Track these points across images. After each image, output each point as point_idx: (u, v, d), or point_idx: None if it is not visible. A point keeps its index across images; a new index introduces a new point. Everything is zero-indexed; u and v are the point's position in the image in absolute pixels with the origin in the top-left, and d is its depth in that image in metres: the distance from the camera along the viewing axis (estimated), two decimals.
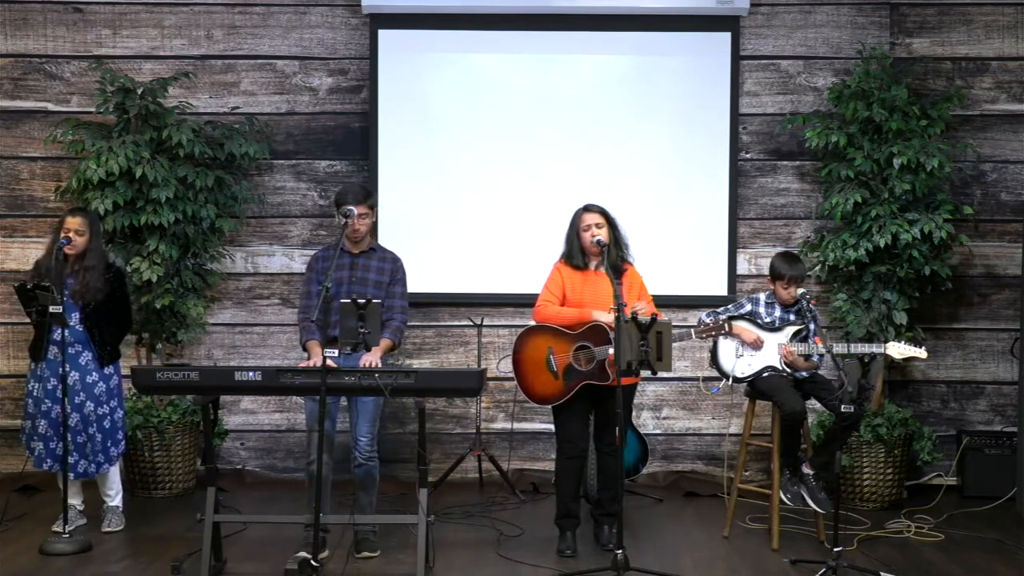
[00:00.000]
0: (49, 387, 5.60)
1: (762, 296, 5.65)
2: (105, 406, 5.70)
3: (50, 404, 5.60)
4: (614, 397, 4.94)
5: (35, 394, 5.64)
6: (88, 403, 5.65)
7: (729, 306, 5.67)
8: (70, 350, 5.61)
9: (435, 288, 6.84)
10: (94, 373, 5.67)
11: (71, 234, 5.58)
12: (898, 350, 5.42)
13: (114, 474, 5.83)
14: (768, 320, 5.56)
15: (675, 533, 5.87)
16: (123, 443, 5.84)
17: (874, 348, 5.54)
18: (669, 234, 6.82)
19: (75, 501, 5.78)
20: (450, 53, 6.89)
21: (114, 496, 5.84)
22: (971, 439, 6.68)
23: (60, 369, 5.51)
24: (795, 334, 5.48)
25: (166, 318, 6.49)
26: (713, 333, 5.47)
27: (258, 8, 6.95)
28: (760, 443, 5.89)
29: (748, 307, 5.61)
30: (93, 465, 5.68)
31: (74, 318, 5.62)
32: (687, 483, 6.81)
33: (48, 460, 5.63)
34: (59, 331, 5.53)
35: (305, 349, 5.29)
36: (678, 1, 6.78)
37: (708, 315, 5.59)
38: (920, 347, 5.45)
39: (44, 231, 6.90)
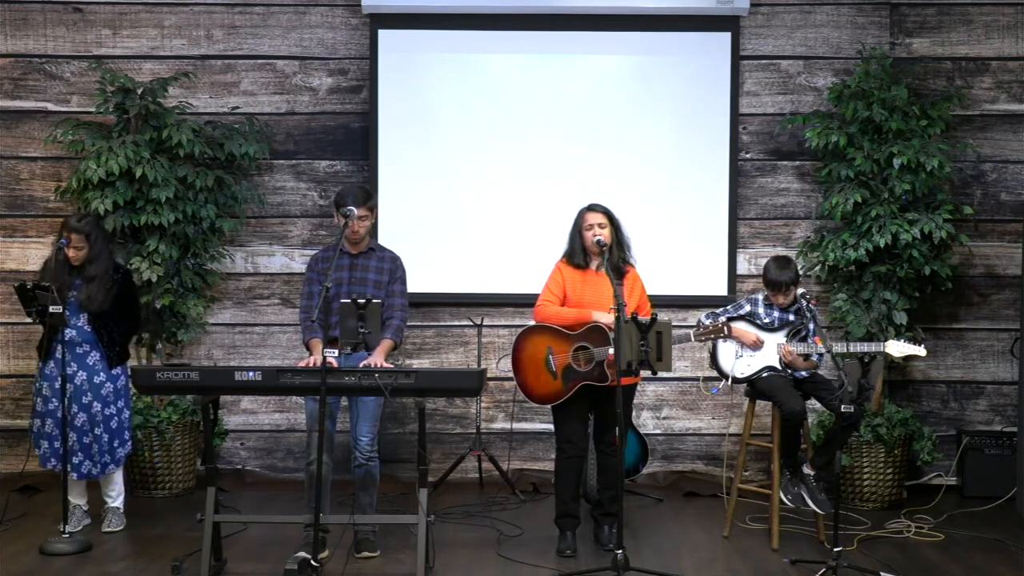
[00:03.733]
0: (57, 386, 5.60)
1: (761, 296, 5.65)
2: (112, 407, 5.70)
3: (57, 403, 5.60)
4: (614, 397, 4.94)
5: (43, 393, 5.64)
6: (95, 403, 5.65)
7: (728, 307, 5.67)
8: (78, 350, 5.63)
9: (435, 288, 6.84)
10: (102, 373, 5.67)
11: (71, 250, 5.58)
12: (897, 348, 5.43)
13: (117, 475, 5.82)
14: (767, 320, 5.56)
15: (675, 533, 5.87)
16: (130, 443, 5.83)
17: (873, 347, 5.56)
18: (669, 234, 6.82)
19: (80, 501, 5.79)
20: (450, 53, 6.89)
21: (115, 497, 5.84)
22: (971, 439, 6.68)
23: (66, 368, 5.53)
24: (794, 333, 5.48)
25: (166, 318, 6.49)
26: (713, 336, 5.48)
27: (258, 8, 6.95)
28: (760, 443, 5.89)
29: (747, 308, 5.61)
30: (98, 467, 5.68)
31: (82, 319, 5.63)
32: (687, 483, 6.81)
33: (52, 459, 5.63)
34: (68, 331, 5.56)
35: (308, 348, 5.30)
36: (678, 1, 6.78)
37: (707, 317, 5.60)
38: (919, 345, 5.46)
39: (44, 231, 6.91)
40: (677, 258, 6.81)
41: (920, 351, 5.45)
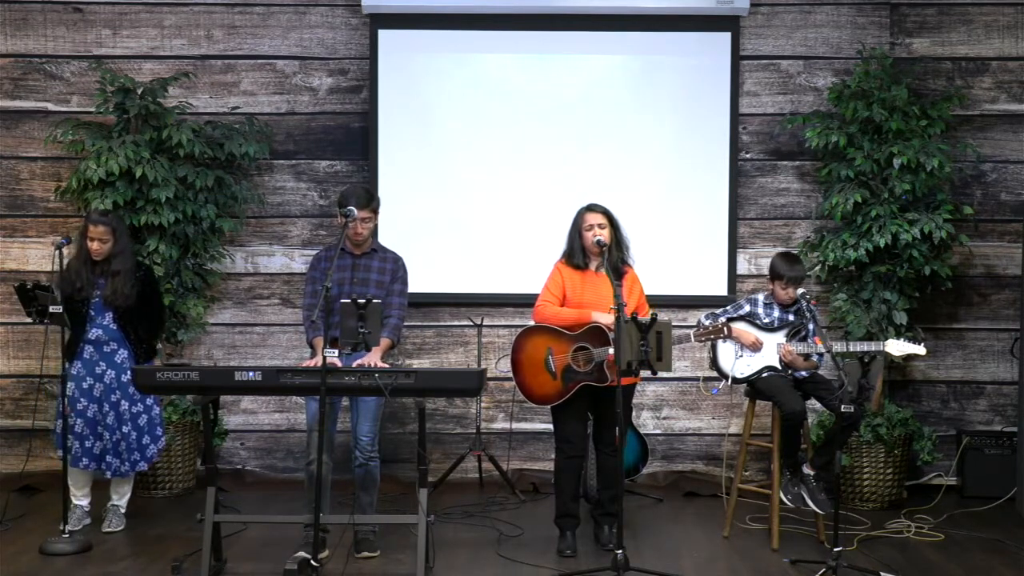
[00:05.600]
0: (84, 386, 5.61)
1: (760, 296, 5.65)
2: (140, 404, 5.71)
3: (85, 403, 5.61)
4: (613, 397, 4.94)
5: (69, 394, 5.63)
6: (123, 401, 5.66)
7: (728, 307, 5.67)
8: (105, 348, 5.65)
9: (435, 288, 6.83)
10: (129, 372, 5.67)
11: (95, 243, 5.58)
12: (897, 347, 5.44)
13: (132, 474, 5.84)
14: (767, 321, 5.56)
15: (675, 533, 5.87)
16: (163, 439, 5.85)
17: (873, 346, 5.56)
18: (669, 234, 6.82)
19: (82, 502, 5.79)
20: (450, 53, 6.89)
21: (123, 495, 5.85)
22: (971, 439, 6.67)
23: (92, 368, 5.59)
24: (793, 333, 5.48)
25: (166, 318, 6.48)
26: (713, 337, 5.48)
27: (258, 8, 6.95)
28: (760, 443, 5.90)
29: (747, 308, 5.61)
30: (127, 464, 5.69)
31: (107, 317, 5.64)
32: (687, 483, 6.81)
33: (84, 459, 5.64)
34: (94, 329, 5.58)
35: (311, 346, 5.30)
36: (678, 1, 6.78)
37: (707, 317, 5.60)
38: (919, 344, 5.46)
39: (44, 231, 6.91)
40: (677, 258, 6.81)
41: (920, 350, 5.45)
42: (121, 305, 5.61)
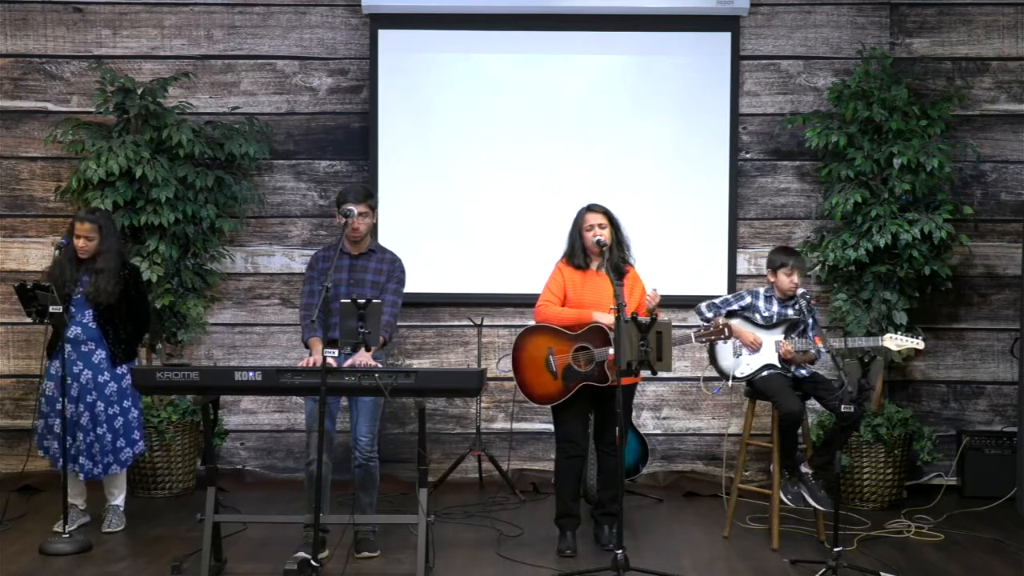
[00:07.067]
0: None
1: (762, 291, 5.65)
2: (116, 406, 5.68)
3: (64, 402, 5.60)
4: (614, 397, 4.94)
5: (47, 393, 5.63)
6: (99, 403, 5.64)
7: (729, 296, 5.68)
8: (83, 348, 5.62)
9: (435, 288, 6.84)
10: (106, 372, 5.66)
11: (81, 240, 5.57)
12: (895, 342, 5.46)
13: (121, 475, 5.81)
14: (766, 315, 5.56)
15: (675, 533, 5.87)
16: (141, 443, 5.82)
17: (871, 341, 5.57)
18: (669, 234, 6.82)
19: (77, 501, 5.78)
20: (450, 53, 6.89)
21: (117, 495, 5.83)
22: (971, 439, 6.68)
23: (71, 367, 5.56)
24: (791, 328, 5.48)
25: (166, 318, 6.49)
26: (713, 337, 5.48)
27: (258, 8, 6.95)
28: (760, 443, 5.90)
29: (748, 299, 5.61)
30: (99, 466, 5.66)
31: (87, 316, 5.62)
32: (687, 483, 6.81)
33: (62, 459, 5.62)
34: (73, 328, 5.56)
35: (307, 346, 5.29)
36: (678, 1, 6.78)
37: (708, 307, 5.61)
38: (917, 337, 5.47)
39: (44, 231, 6.92)
40: (677, 258, 6.81)
41: (918, 344, 5.46)
42: (103, 302, 5.59)
